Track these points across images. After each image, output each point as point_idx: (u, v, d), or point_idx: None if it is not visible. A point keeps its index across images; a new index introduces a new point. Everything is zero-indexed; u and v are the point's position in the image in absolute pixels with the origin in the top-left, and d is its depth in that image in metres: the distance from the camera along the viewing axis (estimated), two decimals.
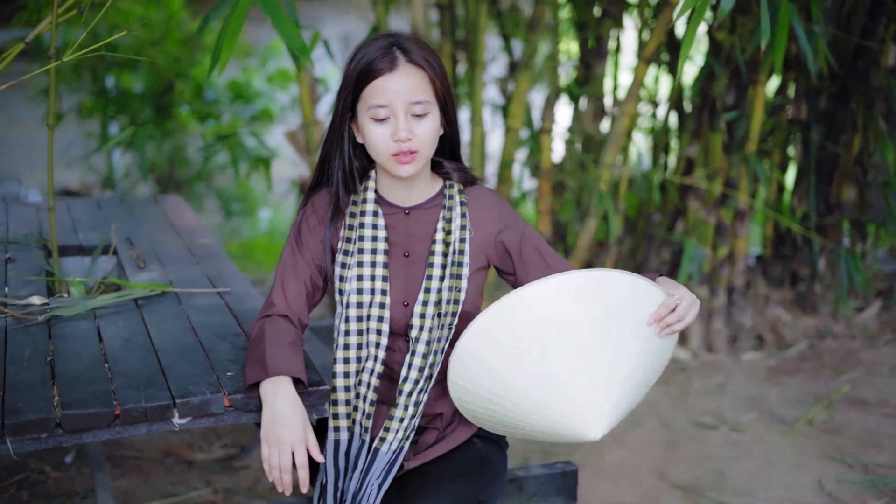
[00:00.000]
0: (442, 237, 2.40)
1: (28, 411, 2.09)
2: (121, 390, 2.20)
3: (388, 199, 2.46)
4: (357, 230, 2.42)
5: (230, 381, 2.28)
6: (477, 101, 5.28)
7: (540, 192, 5.41)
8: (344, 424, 2.39)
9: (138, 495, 3.77)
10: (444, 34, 5.53)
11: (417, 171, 2.35)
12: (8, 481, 3.83)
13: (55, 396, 2.16)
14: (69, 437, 2.11)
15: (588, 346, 2.11)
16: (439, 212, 2.44)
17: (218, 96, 8.98)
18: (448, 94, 2.37)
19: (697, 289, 5.21)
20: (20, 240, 3.48)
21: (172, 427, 2.17)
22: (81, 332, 2.59)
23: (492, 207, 2.48)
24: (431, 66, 2.32)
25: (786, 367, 5.07)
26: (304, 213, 2.49)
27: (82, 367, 2.33)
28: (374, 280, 2.40)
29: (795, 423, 4.42)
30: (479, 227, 2.45)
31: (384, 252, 2.41)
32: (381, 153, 2.32)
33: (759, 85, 4.97)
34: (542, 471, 2.80)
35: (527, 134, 5.65)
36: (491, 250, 2.47)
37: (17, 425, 2.05)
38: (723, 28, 4.88)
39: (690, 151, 5.34)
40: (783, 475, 3.96)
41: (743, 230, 5.25)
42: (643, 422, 4.45)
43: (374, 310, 2.40)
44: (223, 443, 4.22)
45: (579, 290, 2.11)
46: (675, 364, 5.07)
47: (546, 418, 2.16)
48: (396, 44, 2.32)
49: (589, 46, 5.56)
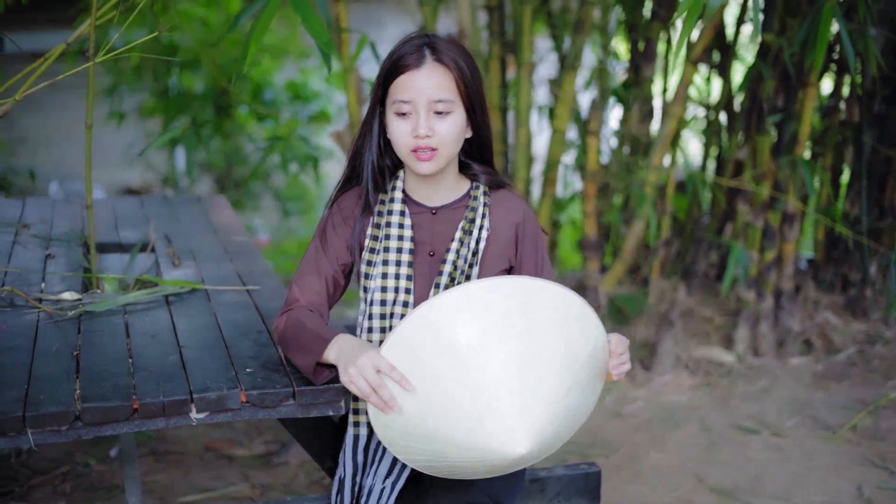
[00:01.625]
0: (460, 236, 2.43)
1: (49, 404, 2.15)
2: (141, 385, 2.25)
3: (415, 199, 2.49)
4: (384, 228, 2.45)
5: (248, 377, 2.32)
6: (522, 102, 5.29)
7: (586, 193, 5.41)
8: (364, 420, 2.43)
9: (176, 489, 3.83)
10: (493, 35, 5.54)
11: (439, 170, 2.38)
12: (53, 473, 3.91)
13: (77, 390, 2.21)
14: (89, 429, 2.16)
15: (511, 361, 2.09)
16: (464, 212, 2.47)
17: (276, 97, 9.07)
18: (476, 96, 2.39)
19: (744, 292, 5.18)
20: (62, 237, 3.56)
21: (190, 422, 2.22)
22: (110, 327, 2.65)
23: (515, 212, 2.51)
24: (459, 67, 2.35)
25: (833, 372, 5.01)
26: (329, 213, 2.53)
27: (106, 362, 2.39)
28: (398, 279, 2.43)
29: (839, 428, 4.37)
30: (501, 229, 2.48)
31: (409, 251, 2.44)
32: (401, 148, 2.36)
33: (809, 87, 4.92)
34: (565, 472, 2.82)
35: (574, 135, 5.65)
36: (511, 254, 2.50)
37: (38, 417, 2.11)
38: (771, 30, 4.84)
39: (740, 154, 5.30)
40: (822, 481, 3.92)
41: (791, 234, 5.19)
42: (683, 425, 4.43)
43: (398, 308, 2.43)
44: (264, 439, 4.27)
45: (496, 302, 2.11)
46: (720, 368, 5.04)
47: (470, 432, 2.10)
48: (428, 43, 2.35)
49: (639, 48, 5.53)
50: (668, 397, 4.75)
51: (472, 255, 2.43)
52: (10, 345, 2.52)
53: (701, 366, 5.03)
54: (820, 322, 5.36)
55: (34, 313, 2.74)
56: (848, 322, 5.40)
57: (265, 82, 8.94)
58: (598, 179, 5.40)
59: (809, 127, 5.00)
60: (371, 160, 2.46)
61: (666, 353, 5.01)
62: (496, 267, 2.48)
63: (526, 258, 2.51)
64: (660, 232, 5.42)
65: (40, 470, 3.93)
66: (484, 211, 2.46)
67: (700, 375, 4.96)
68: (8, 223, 3.78)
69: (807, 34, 4.02)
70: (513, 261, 2.51)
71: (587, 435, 4.34)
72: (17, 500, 3.69)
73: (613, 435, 4.36)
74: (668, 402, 4.71)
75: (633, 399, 4.74)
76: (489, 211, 2.48)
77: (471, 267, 2.43)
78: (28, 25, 7.61)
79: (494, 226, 2.47)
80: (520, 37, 5.25)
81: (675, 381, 4.90)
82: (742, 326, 5.19)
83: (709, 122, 5.72)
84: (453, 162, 2.46)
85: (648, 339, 5.19)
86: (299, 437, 2.65)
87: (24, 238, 3.56)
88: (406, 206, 2.47)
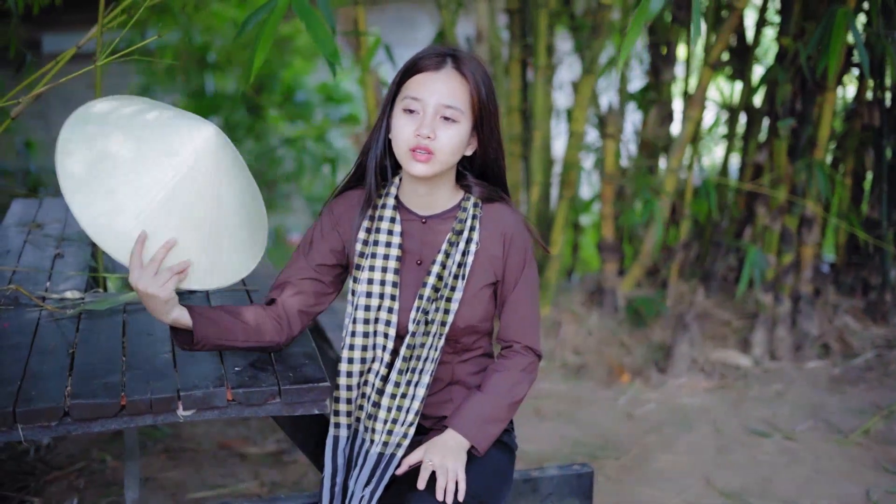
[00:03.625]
0: (446, 248, 2.45)
1: (40, 400, 2.21)
2: (130, 382, 2.30)
3: (407, 206, 2.50)
4: (374, 234, 2.47)
5: (236, 376, 2.37)
6: (539, 105, 5.32)
7: (603, 196, 5.42)
8: (344, 422, 2.47)
9: (188, 486, 3.89)
10: (514, 38, 5.57)
11: (433, 175, 2.38)
12: (69, 469, 3.98)
13: (68, 387, 2.27)
14: (77, 425, 2.22)
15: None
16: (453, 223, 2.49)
17: (308, 98, 9.14)
18: (486, 115, 2.40)
19: (762, 296, 5.18)
20: (73, 237, 3.63)
21: (177, 419, 2.27)
22: (108, 325, 2.71)
23: (506, 228, 2.49)
24: (476, 82, 2.37)
25: (850, 376, 5.00)
26: (320, 219, 2.56)
27: (100, 360, 2.45)
28: (384, 285, 2.45)
29: (851, 432, 4.37)
30: (489, 243, 2.48)
31: (396, 258, 2.46)
32: (400, 144, 2.36)
33: (827, 92, 4.91)
34: (558, 472, 2.85)
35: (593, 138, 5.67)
36: (498, 268, 2.50)
37: (28, 413, 2.18)
38: (788, 34, 4.84)
39: (758, 157, 5.30)
40: (831, 484, 3.92)
41: (810, 237, 5.18)
42: (695, 427, 4.44)
43: (383, 313, 2.45)
44: (277, 437, 4.33)
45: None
46: (736, 371, 5.04)
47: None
48: (452, 54, 2.38)
49: (660, 51, 5.54)
50: (682, 400, 4.76)
51: (458, 267, 2.44)
52: (10, 342, 2.58)
53: (716, 369, 5.03)
54: (839, 326, 5.33)
55: (36, 312, 2.81)
56: (867, 326, 5.37)
57: (297, 84, 9.01)
58: (616, 182, 5.41)
59: (828, 131, 4.99)
60: (375, 157, 2.47)
61: (681, 356, 5.02)
62: (482, 280, 2.48)
63: (508, 275, 2.50)
64: (679, 235, 5.42)
65: (57, 465, 4.01)
66: (473, 224, 2.46)
67: (715, 378, 4.96)
68: (23, 223, 3.86)
69: (819, 39, 4.02)
70: (498, 275, 2.50)
71: (597, 436, 4.36)
72: (33, 494, 3.77)
73: (624, 436, 4.38)
74: (682, 404, 4.71)
75: (646, 401, 4.75)
76: (479, 224, 2.48)
77: (456, 279, 2.44)
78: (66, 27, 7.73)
79: (484, 239, 2.47)
80: (536, 40, 5.27)
81: (689, 384, 4.91)
82: (759, 330, 5.19)
83: (729, 126, 5.72)
84: (449, 173, 2.46)
85: (665, 342, 5.19)
86: (294, 436, 2.70)
87: (36, 237, 3.64)
88: (398, 212, 2.49)
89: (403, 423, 2.42)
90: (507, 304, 2.51)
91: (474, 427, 2.42)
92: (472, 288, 2.46)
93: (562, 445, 4.28)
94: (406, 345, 2.42)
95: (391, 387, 2.42)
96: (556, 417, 4.59)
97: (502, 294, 2.51)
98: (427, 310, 2.41)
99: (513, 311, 2.51)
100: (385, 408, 2.42)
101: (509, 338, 2.53)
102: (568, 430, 4.45)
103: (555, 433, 4.41)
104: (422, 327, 2.42)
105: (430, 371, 2.43)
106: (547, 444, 4.27)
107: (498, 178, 2.53)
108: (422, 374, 2.43)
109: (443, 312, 2.42)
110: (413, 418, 2.43)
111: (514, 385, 2.49)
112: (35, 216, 3.99)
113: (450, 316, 2.43)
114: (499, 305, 2.52)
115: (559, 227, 5.41)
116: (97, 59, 2.96)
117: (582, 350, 5.21)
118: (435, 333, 2.42)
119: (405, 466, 2.38)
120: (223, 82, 8.76)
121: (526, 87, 5.69)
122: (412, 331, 2.41)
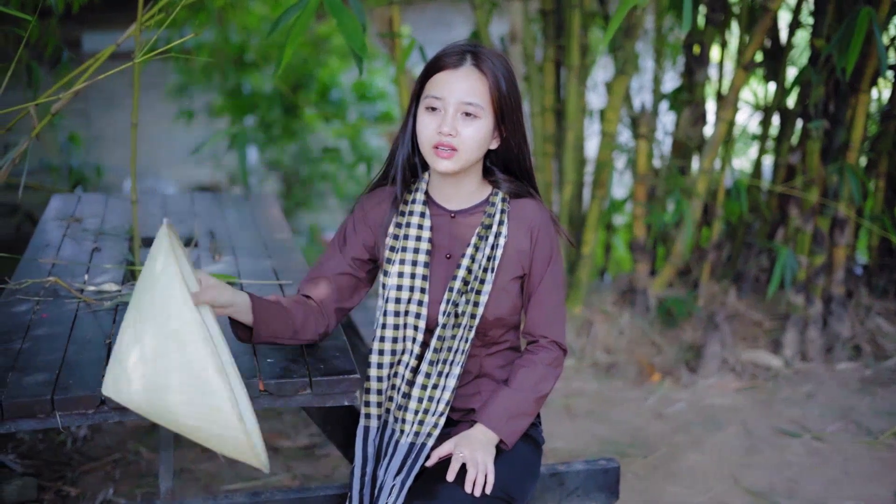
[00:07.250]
0: (475, 242, 2.49)
1: (77, 388, 2.28)
2: None
3: (436, 201, 2.56)
4: (404, 228, 2.53)
5: (268, 367, 2.42)
6: (571, 105, 5.34)
7: (636, 196, 5.44)
8: (374, 413, 2.51)
9: (221, 477, 3.95)
10: (548, 39, 5.59)
11: (458, 171, 2.44)
12: (104, 459, 4.05)
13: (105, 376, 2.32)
14: (114, 413, 2.28)
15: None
16: (482, 218, 2.54)
17: (343, 97, 9.18)
18: (508, 109, 2.44)
19: (793, 297, 5.18)
20: (111, 231, 3.69)
21: None
22: None
23: (533, 222, 2.53)
24: (496, 77, 2.41)
25: (881, 377, 4.99)
26: (352, 215, 2.61)
27: None
28: (413, 278, 2.50)
29: (881, 434, 4.37)
30: (517, 238, 2.52)
31: (426, 252, 2.51)
32: (424, 143, 2.42)
33: (861, 93, 4.91)
34: (584, 466, 2.86)
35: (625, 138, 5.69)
36: (526, 262, 2.54)
37: (66, 401, 2.25)
38: (821, 36, 4.84)
39: (792, 159, 5.30)
40: (859, 485, 3.93)
41: (843, 239, 5.18)
42: (724, 427, 4.45)
43: (413, 306, 2.50)
44: (309, 431, 4.38)
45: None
46: (767, 371, 5.04)
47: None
48: (472, 50, 2.43)
49: (693, 52, 5.55)
50: (712, 400, 4.77)
51: (487, 260, 2.49)
52: (49, 332, 2.65)
53: (747, 369, 5.04)
54: (870, 328, 5.33)
55: (74, 303, 2.87)
56: None
57: (332, 82, 9.05)
58: (649, 182, 5.43)
59: (862, 133, 4.99)
60: (403, 154, 2.53)
61: (712, 356, 5.03)
62: (511, 273, 2.52)
63: (535, 269, 2.55)
64: (711, 235, 5.43)
65: (94, 457, 4.08)
66: (502, 218, 2.51)
67: (746, 379, 4.97)
68: (62, 217, 3.93)
69: (840, 39, 4.03)
70: (526, 268, 2.55)
71: (627, 435, 4.39)
72: (69, 484, 3.84)
73: (653, 435, 4.40)
74: (711, 404, 4.73)
75: (676, 400, 4.76)
76: (507, 218, 2.52)
77: (486, 272, 2.48)
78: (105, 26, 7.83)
79: (511, 233, 2.52)
80: (568, 40, 5.30)
81: (719, 384, 4.92)
82: (790, 331, 5.19)
83: (762, 127, 5.72)
84: (476, 167, 2.51)
85: (696, 342, 5.21)
86: (324, 428, 2.74)
87: (74, 231, 3.71)
88: (427, 207, 2.54)
89: (434, 413, 2.46)
90: (532, 298, 2.55)
91: (502, 422, 2.46)
92: (502, 281, 2.51)
93: (591, 443, 4.30)
94: (437, 336, 2.46)
95: (422, 378, 2.47)
96: (587, 415, 4.62)
97: (528, 288, 2.55)
98: (457, 302, 2.46)
99: (538, 306, 2.55)
100: (416, 399, 2.46)
101: (535, 332, 2.57)
102: (598, 428, 4.47)
103: (585, 431, 4.44)
104: (452, 320, 2.46)
105: (461, 363, 2.47)
106: (576, 442, 4.30)
107: (524, 172, 2.58)
108: (452, 366, 2.47)
109: (473, 305, 2.46)
110: (444, 409, 2.47)
111: (540, 380, 2.53)
112: (74, 211, 4.06)
113: (479, 308, 2.47)
114: (525, 300, 2.56)
115: (591, 226, 5.43)
116: (135, 56, 3.01)
117: (613, 349, 5.23)
118: (465, 325, 2.47)
119: (435, 458, 2.42)
120: (259, 82, 8.81)
121: (560, 87, 5.71)
122: (442, 323, 2.46)
